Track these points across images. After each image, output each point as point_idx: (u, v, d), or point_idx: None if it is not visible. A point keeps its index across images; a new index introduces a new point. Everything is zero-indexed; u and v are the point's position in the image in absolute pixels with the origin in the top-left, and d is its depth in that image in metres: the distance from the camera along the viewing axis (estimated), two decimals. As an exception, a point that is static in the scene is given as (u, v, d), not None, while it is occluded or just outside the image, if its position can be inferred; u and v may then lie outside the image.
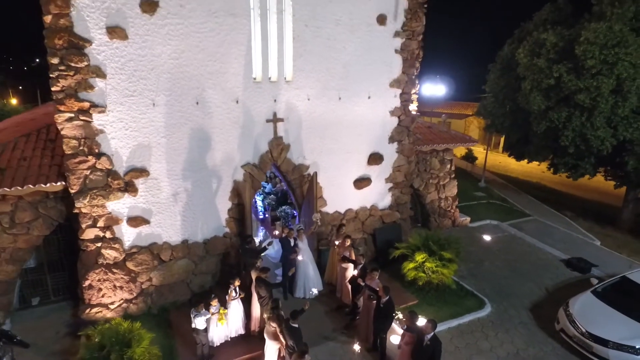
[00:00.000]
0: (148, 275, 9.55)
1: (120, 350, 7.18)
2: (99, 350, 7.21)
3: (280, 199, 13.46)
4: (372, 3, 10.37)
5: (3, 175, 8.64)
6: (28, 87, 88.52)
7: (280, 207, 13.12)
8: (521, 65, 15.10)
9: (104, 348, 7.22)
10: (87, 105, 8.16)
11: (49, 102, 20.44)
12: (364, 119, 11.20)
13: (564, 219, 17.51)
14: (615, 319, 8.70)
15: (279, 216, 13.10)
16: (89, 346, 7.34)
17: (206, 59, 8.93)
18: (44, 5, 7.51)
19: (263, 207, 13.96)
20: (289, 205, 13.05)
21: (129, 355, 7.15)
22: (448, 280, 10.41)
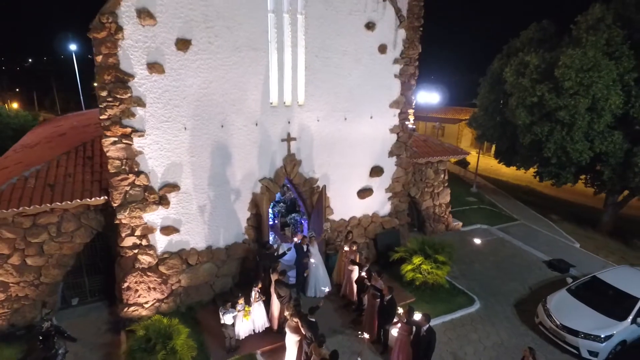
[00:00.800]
0: (177, 277, 10.80)
1: (163, 342, 8.44)
2: (145, 342, 8.45)
3: (290, 207, 14.74)
4: (374, 35, 11.69)
5: (53, 191, 9.85)
6: (22, 89, 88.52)
7: (289, 214, 14.40)
8: (508, 83, 16.52)
9: (149, 340, 8.46)
10: (129, 130, 9.40)
11: (66, 113, 21.42)
12: (366, 137, 12.52)
13: (549, 223, 18.96)
14: (585, 313, 10.10)
15: (288, 223, 14.39)
16: (137, 338, 8.57)
17: (230, 88, 10.19)
18: (95, 47, 8.73)
19: (273, 214, 15.22)
20: (297, 212, 14.34)
21: (171, 346, 8.41)
22: (442, 281, 11.78)
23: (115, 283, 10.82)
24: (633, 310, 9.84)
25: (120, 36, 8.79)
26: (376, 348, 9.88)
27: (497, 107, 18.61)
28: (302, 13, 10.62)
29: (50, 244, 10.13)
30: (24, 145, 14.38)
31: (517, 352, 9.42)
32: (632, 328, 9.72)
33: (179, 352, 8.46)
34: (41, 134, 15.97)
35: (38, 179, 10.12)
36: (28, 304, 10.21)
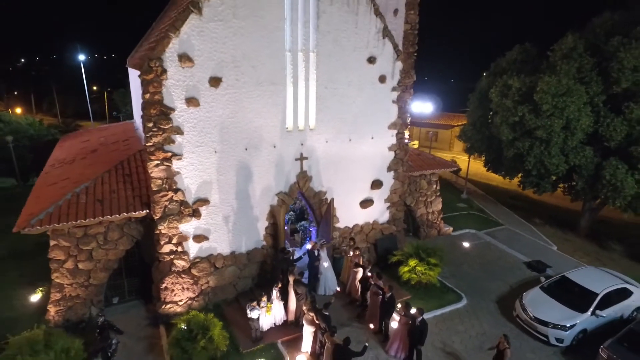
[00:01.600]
0: (206, 279, 12.50)
1: (203, 333, 10.15)
2: (188, 333, 10.16)
3: (299, 214, 16.48)
4: (375, 67, 13.48)
5: (102, 206, 11.51)
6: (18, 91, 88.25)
7: (299, 222, 16.14)
8: (493, 102, 18.40)
9: (192, 331, 10.17)
10: (170, 154, 11.09)
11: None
12: (368, 154, 14.31)
13: (531, 227, 20.88)
14: (554, 306, 11.96)
15: (297, 229, 16.13)
16: (180, 330, 10.27)
17: (253, 117, 11.92)
18: (144, 86, 10.42)
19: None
20: (305, 220, 16.09)
21: (209, 336, 10.13)
22: (434, 280, 13.60)
23: (152, 284, 12.52)
24: (593, 304, 11.72)
25: (165, 77, 10.49)
26: (378, 338, 11.65)
27: (484, 122, 20.50)
28: (313, 51, 12.39)
29: (98, 250, 11.80)
30: (60, 161, 15.94)
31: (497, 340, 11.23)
32: (591, 319, 11.61)
33: (216, 340, 10.18)
34: (71, 149, 17.53)
35: (88, 195, 11.77)
36: (79, 302, 11.86)
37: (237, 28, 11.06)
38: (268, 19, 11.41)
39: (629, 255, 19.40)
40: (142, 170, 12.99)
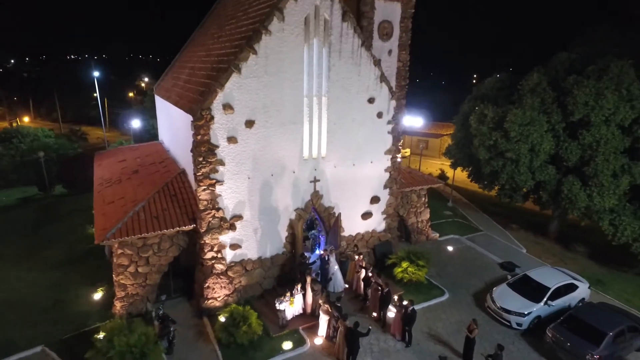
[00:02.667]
0: (239, 279, 15.47)
1: (243, 320, 13.14)
2: (232, 321, 13.14)
3: (309, 224, 19.47)
4: (374, 106, 16.58)
5: (159, 222, 14.43)
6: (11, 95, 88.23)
7: (309, 230, 19.15)
8: (472, 127, 21.63)
9: (235, 319, 13.16)
10: (214, 181, 14.05)
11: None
12: (368, 176, 17.40)
13: (506, 233, 24.13)
14: (516, 298, 15.15)
15: (308, 237, 19.13)
16: (226, 318, 13.24)
17: (278, 150, 14.94)
18: (195, 129, 13.36)
19: (295, 230, 19.92)
20: (314, 229, 19.10)
21: (249, 323, 13.12)
22: (422, 279, 16.74)
23: (194, 283, 15.48)
24: (546, 296, 14.95)
25: (212, 122, 13.48)
26: (378, 324, 14.73)
27: (466, 142, 23.73)
28: (325, 96, 15.45)
29: (154, 257, 14.71)
30: (106, 180, 18.74)
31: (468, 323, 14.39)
32: (544, 308, 14.84)
33: (253, 327, 13.19)
34: (112, 168, 20.29)
35: (145, 212, 14.67)
36: (138, 299, 14.76)
37: (267, 82, 14.09)
38: (290, 73, 14.45)
39: (589, 256, 22.70)
40: (185, 190, 15.93)
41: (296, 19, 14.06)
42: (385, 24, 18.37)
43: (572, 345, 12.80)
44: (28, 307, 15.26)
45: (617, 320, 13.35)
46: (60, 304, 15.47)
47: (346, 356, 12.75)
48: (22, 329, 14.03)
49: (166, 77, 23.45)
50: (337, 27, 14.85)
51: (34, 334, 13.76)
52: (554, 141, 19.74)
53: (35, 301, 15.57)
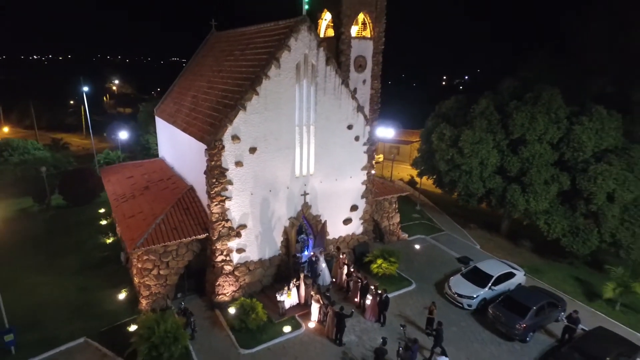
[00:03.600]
0: (244, 278, 18.63)
1: (252, 310, 16.35)
2: (243, 310, 16.32)
3: (299, 230, 22.75)
4: (352, 131, 20.10)
5: (177, 232, 17.40)
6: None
7: (299, 235, 22.44)
8: (434, 144, 25.58)
9: (245, 309, 16.34)
10: (224, 198, 17.17)
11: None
12: (348, 188, 20.91)
13: (464, 232, 28.25)
14: (467, 285, 19.04)
15: (298, 240, 22.39)
16: (237, 309, 16.40)
17: (275, 170, 18.20)
18: (209, 157, 16.45)
19: (286, 235, 23.15)
20: (304, 234, 22.42)
21: (256, 312, 16.34)
22: (393, 272, 20.40)
23: (206, 282, 18.52)
24: (489, 283, 18.91)
25: (223, 150, 16.61)
26: (358, 310, 18.22)
27: (429, 155, 27.68)
28: (313, 125, 18.84)
29: (173, 261, 17.67)
30: (120, 196, 21.40)
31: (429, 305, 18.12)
32: (489, 292, 18.79)
33: (260, 315, 16.41)
34: (122, 185, 22.91)
35: (165, 224, 17.60)
36: (160, 297, 17.67)
37: (267, 116, 17.35)
38: (285, 108, 17.77)
39: (532, 249, 27.01)
40: (196, 204, 18.95)
41: (290, 65, 17.39)
42: (360, 58, 21.98)
43: (506, 319, 16.75)
44: (62, 307, 17.87)
45: (539, 298, 17.42)
46: (90, 304, 18.15)
47: (335, 335, 16.20)
48: (61, 325, 16.69)
49: (166, 100, 26.19)
50: (322, 70, 18.28)
51: (73, 329, 16.46)
52: (499, 156, 23.91)
53: (67, 302, 18.19)
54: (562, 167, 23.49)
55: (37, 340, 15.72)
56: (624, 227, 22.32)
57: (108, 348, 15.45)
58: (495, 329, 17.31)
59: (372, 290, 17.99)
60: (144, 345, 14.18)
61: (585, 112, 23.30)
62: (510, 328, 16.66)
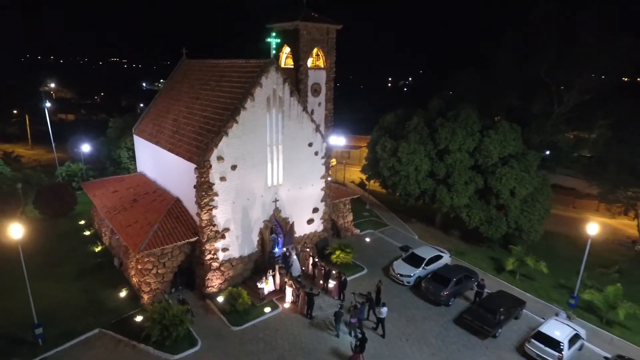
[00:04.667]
0: (228, 272, 22.57)
1: (239, 296, 20.41)
2: (232, 296, 20.33)
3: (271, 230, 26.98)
4: (312, 148, 24.68)
5: (172, 236, 20.99)
6: None
7: (270, 234, 26.67)
8: (378, 153, 30.86)
9: (233, 296, 20.36)
10: (211, 207, 21.05)
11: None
12: (310, 194, 25.48)
13: (406, 226, 33.89)
14: (406, 267, 24.40)
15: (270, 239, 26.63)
16: (227, 296, 20.38)
17: (251, 182, 22.33)
18: (199, 174, 20.26)
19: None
20: (274, 234, 26.70)
21: (243, 297, 20.43)
22: (349, 261, 25.32)
23: (196, 278, 22.25)
24: (422, 264, 24.39)
25: (211, 168, 20.50)
26: (323, 291, 22.83)
27: (375, 163, 32.97)
28: (281, 144, 23.18)
29: (168, 262, 21.23)
30: (111, 209, 24.36)
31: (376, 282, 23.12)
32: (422, 271, 24.26)
33: (245, 299, 20.51)
34: (110, 198, 25.75)
35: (161, 231, 21.11)
36: (159, 292, 21.16)
37: (245, 139, 21.44)
38: (259, 132, 21.96)
39: (460, 237, 33.09)
40: (184, 213, 22.56)
41: (261, 98, 21.62)
42: (316, 85, 26.67)
43: (434, 289, 22.19)
44: (71, 307, 20.78)
45: (458, 273, 23.09)
46: (96, 302, 21.21)
47: (306, 311, 20.69)
48: (75, 321, 19.70)
49: (144, 121, 29.21)
50: (287, 101, 22.68)
51: (87, 323, 19.55)
52: (430, 163, 29.64)
53: (75, 303, 21.11)
54: (477, 170, 29.65)
55: (57, 334, 18.67)
56: (523, 216, 28.84)
57: (122, 335, 18.82)
58: (427, 298, 22.72)
59: (333, 275, 22.70)
60: (157, 327, 17.81)
61: (493, 126, 29.63)
62: (437, 296, 22.12)
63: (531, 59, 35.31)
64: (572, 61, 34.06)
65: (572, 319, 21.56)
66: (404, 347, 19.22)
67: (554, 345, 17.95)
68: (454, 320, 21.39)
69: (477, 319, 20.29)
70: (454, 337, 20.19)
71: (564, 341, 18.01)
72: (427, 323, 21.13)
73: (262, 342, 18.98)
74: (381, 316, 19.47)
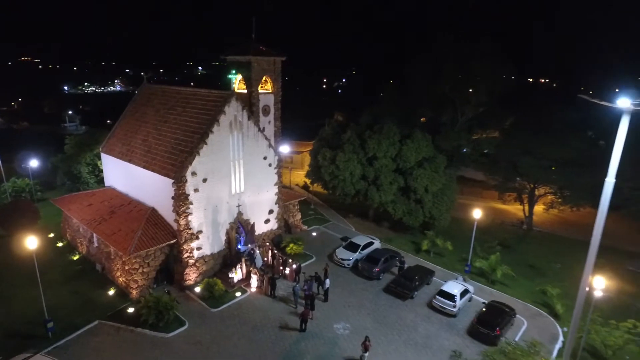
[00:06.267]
0: (202, 267, 27.23)
1: (215, 285, 25.28)
2: (208, 285, 25.13)
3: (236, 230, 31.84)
4: (267, 160, 30.05)
5: (155, 240, 25.22)
6: None
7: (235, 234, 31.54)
8: (319, 162, 36.98)
9: (210, 285, 25.17)
10: (188, 214, 25.62)
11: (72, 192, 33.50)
12: (266, 199, 30.85)
13: (345, 220, 40.45)
14: (346, 252, 30.79)
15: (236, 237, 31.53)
16: (204, 286, 25.14)
17: (219, 191, 27.19)
18: (177, 187, 24.77)
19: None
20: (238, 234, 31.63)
21: (218, 285, 25.33)
22: (301, 251, 31.13)
23: (175, 274, 26.65)
24: (359, 249, 30.93)
25: (186, 182, 25.09)
26: (281, 277, 28.36)
27: (317, 170, 39.06)
28: (242, 159, 28.27)
29: (152, 261, 25.45)
30: (90, 220, 27.70)
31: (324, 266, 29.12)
32: (358, 255, 30.80)
33: (220, 287, 25.42)
34: (87, 211, 28.94)
35: (144, 236, 25.24)
36: (144, 288, 25.30)
37: (213, 157, 26.27)
38: (224, 151, 26.89)
39: (389, 227, 40.27)
40: (161, 220, 26.79)
41: (225, 123, 26.59)
42: (266, 106, 32.01)
43: (368, 268, 28.77)
44: (67, 306, 24.19)
45: (386, 254, 29.93)
46: (88, 301, 24.80)
47: (270, 292, 26.11)
48: (75, 316, 23.27)
49: (111, 140, 32.50)
50: (245, 124, 27.85)
51: (86, 317, 23.23)
52: (362, 168, 36.35)
53: (69, 303, 24.51)
54: (399, 172, 36.93)
55: (61, 328, 22.20)
56: (435, 207, 36.59)
57: (120, 323, 22.85)
58: (363, 275, 29.24)
59: (289, 263, 28.32)
60: (152, 313, 22.18)
61: (410, 135, 37.07)
62: (370, 273, 28.71)
63: (438, 79, 43.53)
64: (467, 82, 42.81)
65: (467, 281, 29.30)
66: (347, 311, 25.45)
67: (451, 298, 25.22)
68: (383, 289, 28.07)
69: (399, 287, 27.14)
70: (384, 301, 26.85)
71: (457, 295, 25.34)
72: (364, 293, 27.58)
73: (238, 318, 24.10)
74: (326, 287, 25.56)
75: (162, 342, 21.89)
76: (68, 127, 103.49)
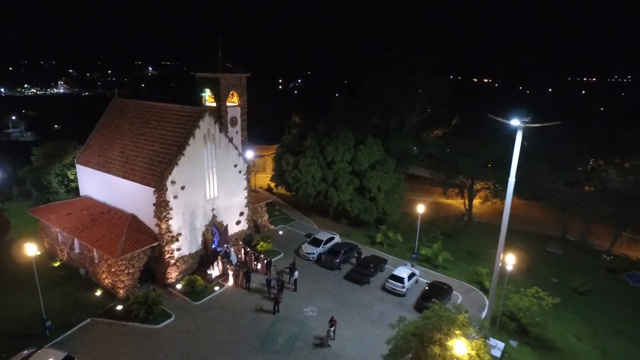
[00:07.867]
0: (182, 266, 30.14)
1: (196, 281, 28.37)
2: (190, 281, 28.20)
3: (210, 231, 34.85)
4: (237, 168, 33.39)
5: (139, 243, 27.87)
6: None
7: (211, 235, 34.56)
8: (283, 166, 40.71)
9: (191, 281, 28.23)
10: (168, 219, 28.48)
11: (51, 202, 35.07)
12: (237, 202, 34.17)
13: (308, 219, 44.48)
14: (311, 247, 34.86)
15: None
16: (187, 283, 28.15)
17: (196, 197, 30.22)
18: (158, 195, 27.60)
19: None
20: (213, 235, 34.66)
21: (198, 281, 28.44)
22: (270, 248, 34.80)
23: (157, 273, 29.40)
24: (322, 244, 35.11)
25: (167, 190, 27.96)
26: (254, 272, 31.88)
27: (281, 174, 42.76)
28: (215, 168, 31.44)
29: (136, 263, 28.08)
30: (73, 228, 29.66)
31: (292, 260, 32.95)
32: (321, 249, 34.95)
33: (200, 282, 28.54)
34: (69, 220, 30.76)
35: (129, 240, 27.81)
36: (129, 287, 27.87)
37: (190, 167, 29.28)
38: (199, 160, 29.96)
39: (347, 224, 44.74)
40: (142, 226, 29.39)
41: (200, 136, 29.69)
42: (233, 118, 35.27)
43: (330, 259, 33.00)
44: (58, 308, 26.26)
45: (345, 246, 34.33)
46: (77, 302, 27.02)
47: (245, 285, 29.58)
48: (67, 316, 25.49)
49: (85, 152, 34.37)
50: (217, 136, 31.06)
51: (78, 316, 25.54)
52: (322, 171, 40.52)
53: (59, 304, 26.59)
54: (355, 174, 41.50)
55: (56, 327, 24.43)
56: (387, 204, 41.51)
57: (111, 319, 25.42)
58: (326, 266, 33.43)
59: (261, 259, 31.89)
60: (142, 308, 24.98)
61: (363, 141, 41.70)
62: (332, 264, 32.96)
63: (386, 89, 48.70)
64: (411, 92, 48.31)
65: (414, 266, 34.34)
66: (313, 296, 29.50)
67: (400, 280, 30.00)
68: (344, 277, 32.40)
69: (357, 274, 31.59)
70: (344, 286, 31.16)
71: (405, 278, 30.16)
72: (327, 281, 31.75)
73: (219, 308, 27.40)
74: (295, 277, 29.49)
75: (152, 332, 24.78)
76: (12, 134, 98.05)
